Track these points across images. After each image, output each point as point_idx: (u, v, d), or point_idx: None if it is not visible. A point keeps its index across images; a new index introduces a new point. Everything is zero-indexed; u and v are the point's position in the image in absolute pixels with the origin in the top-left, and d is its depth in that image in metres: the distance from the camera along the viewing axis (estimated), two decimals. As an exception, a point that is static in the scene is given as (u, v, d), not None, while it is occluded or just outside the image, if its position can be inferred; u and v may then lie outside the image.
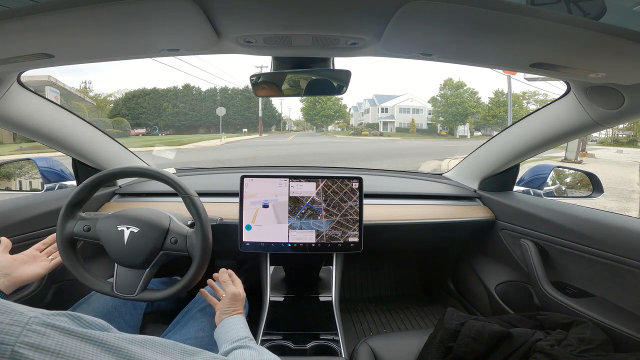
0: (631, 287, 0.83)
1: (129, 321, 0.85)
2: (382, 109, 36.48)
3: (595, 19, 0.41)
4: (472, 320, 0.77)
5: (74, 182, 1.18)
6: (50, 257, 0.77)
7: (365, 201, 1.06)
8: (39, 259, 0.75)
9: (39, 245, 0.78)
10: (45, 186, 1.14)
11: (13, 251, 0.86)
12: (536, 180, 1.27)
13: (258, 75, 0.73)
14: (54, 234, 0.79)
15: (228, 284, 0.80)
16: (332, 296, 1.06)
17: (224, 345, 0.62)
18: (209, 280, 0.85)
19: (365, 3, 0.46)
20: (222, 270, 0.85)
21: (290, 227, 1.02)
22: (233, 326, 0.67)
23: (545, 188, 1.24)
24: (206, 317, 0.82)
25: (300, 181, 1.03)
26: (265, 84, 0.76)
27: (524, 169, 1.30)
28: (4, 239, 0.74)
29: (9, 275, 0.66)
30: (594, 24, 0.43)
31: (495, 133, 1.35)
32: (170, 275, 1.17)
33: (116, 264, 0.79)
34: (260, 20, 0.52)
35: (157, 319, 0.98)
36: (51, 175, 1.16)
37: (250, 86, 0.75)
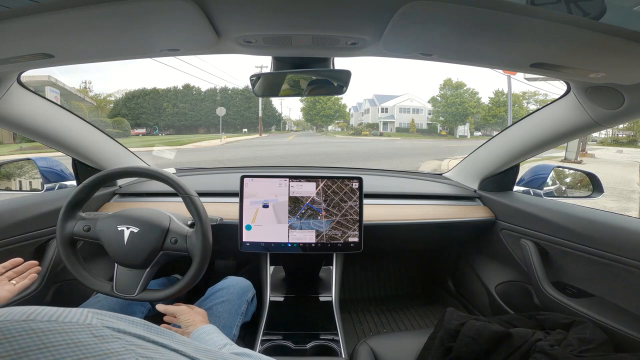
0: (631, 287, 0.83)
1: None
2: (382, 109, 36.47)
3: (595, 19, 0.41)
4: (472, 320, 0.77)
5: (74, 182, 1.18)
6: (12, 281, 0.72)
7: (365, 201, 1.06)
8: (2, 283, 0.70)
9: None
10: (45, 186, 1.14)
11: (12, 251, 0.87)
12: (536, 180, 1.27)
13: (258, 75, 0.73)
14: (16, 259, 0.76)
15: (171, 308, 0.75)
16: (332, 296, 1.06)
17: None
18: (164, 322, 0.79)
19: (365, 3, 0.46)
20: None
21: (290, 227, 1.02)
22: (206, 337, 0.64)
23: (545, 188, 1.24)
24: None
25: (300, 181, 1.03)
26: (265, 84, 0.76)
27: (524, 169, 1.30)
28: None
29: None
30: (594, 24, 0.43)
31: (495, 133, 1.35)
32: (170, 275, 1.17)
33: (116, 264, 0.79)
34: (260, 20, 0.52)
35: (156, 320, 0.98)
36: (51, 175, 1.16)
37: (250, 86, 0.75)
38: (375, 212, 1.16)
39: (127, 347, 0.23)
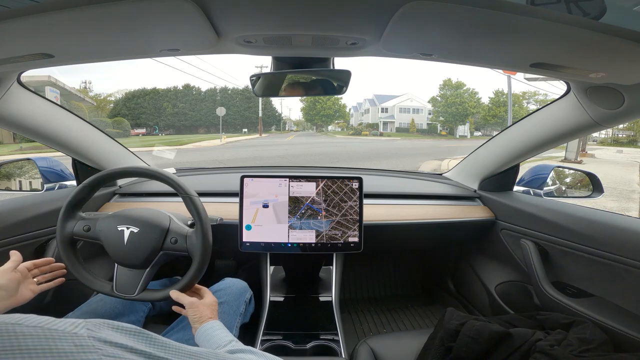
0: (631, 287, 0.83)
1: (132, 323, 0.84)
2: (382, 109, 36.44)
3: (595, 19, 0.41)
4: (472, 320, 0.78)
5: (74, 182, 1.18)
6: (36, 279, 0.73)
7: (365, 201, 1.06)
8: (28, 280, 0.71)
9: (29, 264, 0.73)
10: (45, 186, 1.14)
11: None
12: (536, 180, 1.27)
13: (258, 75, 0.73)
14: (48, 258, 0.77)
15: (183, 298, 0.74)
16: (332, 296, 1.06)
17: None
18: (174, 307, 0.79)
19: (365, 3, 0.46)
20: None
21: (290, 227, 1.02)
22: (212, 332, 0.64)
23: (545, 188, 1.24)
24: None
25: (300, 181, 1.03)
26: (265, 84, 0.76)
27: (524, 169, 1.30)
28: (15, 253, 0.71)
29: (10, 298, 0.64)
30: (594, 24, 0.43)
31: (495, 133, 1.35)
32: (170, 276, 1.17)
33: (116, 264, 0.79)
34: (260, 20, 0.52)
35: (157, 319, 0.98)
36: (51, 175, 1.16)
37: (250, 86, 0.75)
38: (375, 212, 1.16)
39: (103, 359, 0.24)
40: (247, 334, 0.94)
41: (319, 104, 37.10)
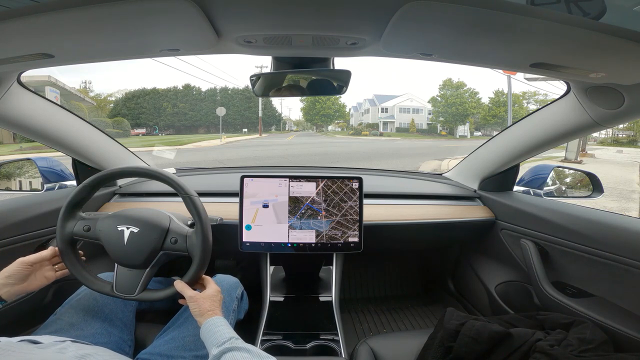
0: (631, 287, 0.83)
1: (122, 318, 0.84)
2: (382, 109, 36.41)
3: (595, 19, 0.41)
4: (472, 320, 0.77)
5: (74, 182, 1.18)
6: (55, 267, 0.76)
7: (365, 201, 1.06)
8: (45, 268, 0.73)
9: (49, 252, 0.75)
10: (45, 186, 1.14)
11: (13, 251, 0.86)
12: (536, 180, 1.27)
13: (258, 75, 0.73)
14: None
15: (185, 291, 0.74)
16: (332, 296, 1.06)
17: (212, 350, 0.61)
18: (180, 300, 0.78)
19: (365, 3, 0.46)
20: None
21: (291, 227, 1.02)
22: (214, 328, 0.65)
23: (545, 188, 1.24)
24: None
25: (300, 181, 1.03)
26: (266, 84, 0.76)
27: (524, 169, 1.30)
28: (52, 249, 0.75)
29: (16, 285, 0.67)
30: (594, 24, 0.43)
31: (495, 133, 1.35)
32: (170, 275, 1.17)
33: (116, 264, 0.79)
34: (260, 20, 0.52)
35: (152, 317, 0.98)
36: (51, 175, 1.16)
37: (250, 86, 0.75)
38: (375, 212, 1.16)
39: None
40: (247, 334, 0.94)
41: (318, 103, 37.06)
